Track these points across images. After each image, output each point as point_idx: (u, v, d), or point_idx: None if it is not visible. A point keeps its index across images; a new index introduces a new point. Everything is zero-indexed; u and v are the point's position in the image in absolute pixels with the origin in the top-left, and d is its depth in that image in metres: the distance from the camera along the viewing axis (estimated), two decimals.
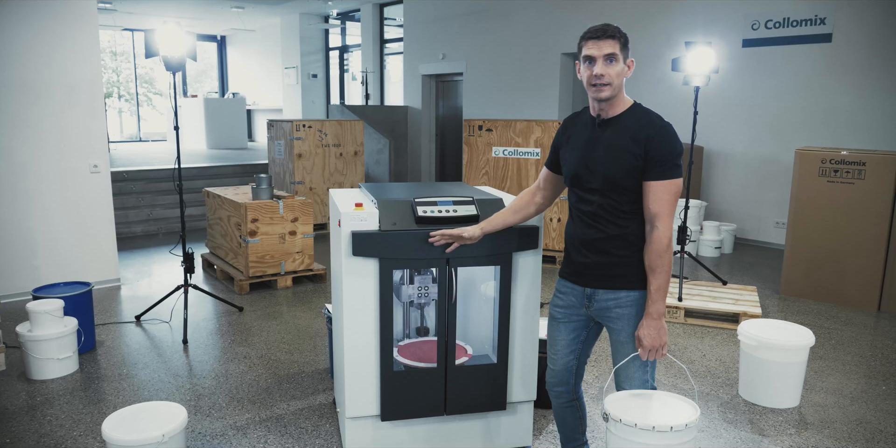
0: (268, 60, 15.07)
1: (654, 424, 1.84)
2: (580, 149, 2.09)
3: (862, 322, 4.57)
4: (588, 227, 2.09)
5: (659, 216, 1.96)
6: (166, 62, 3.87)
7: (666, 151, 1.94)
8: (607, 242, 2.06)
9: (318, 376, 3.57)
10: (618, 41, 1.95)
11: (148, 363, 3.73)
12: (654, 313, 1.98)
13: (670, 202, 1.95)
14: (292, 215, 5.19)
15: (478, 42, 9.61)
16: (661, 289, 1.98)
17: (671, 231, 2.00)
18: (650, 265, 1.99)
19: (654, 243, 1.97)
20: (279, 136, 7.60)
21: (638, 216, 2.03)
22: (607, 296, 2.09)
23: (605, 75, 1.94)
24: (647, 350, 2.00)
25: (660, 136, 1.95)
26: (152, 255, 6.43)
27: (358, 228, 2.34)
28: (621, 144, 1.99)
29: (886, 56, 5.91)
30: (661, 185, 1.95)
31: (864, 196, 4.72)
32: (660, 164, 1.94)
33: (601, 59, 1.94)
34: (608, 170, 2.00)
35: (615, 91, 1.98)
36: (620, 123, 2.02)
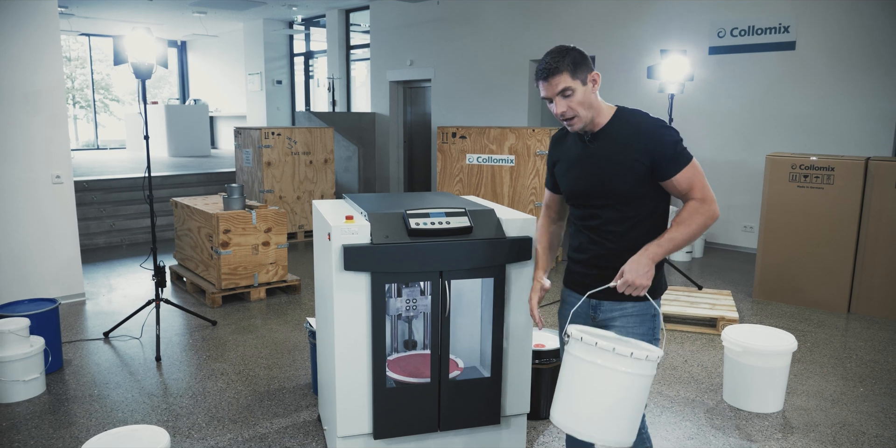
0: (230, 66, 14.82)
1: (614, 346, 1.77)
2: (575, 166, 2.05)
3: (833, 324, 4.66)
4: (593, 242, 2.05)
5: (693, 189, 1.92)
6: (135, 69, 3.74)
7: (670, 146, 1.90)
8: (614, 257, 2.01)
9: (299, 392, 3.47)
10: (566, 72, 1.89)
11: (120, 382, 3.58)
12: (650, 253, 1.88)
13: (699, 178, 1.92)
14: (265, 225, 5.07)
15: (446, 48, 9.60)
16: (674, 239, 1.89)
17: (714, 202, 1.92)
18: (677, 219, 1.90)
19: (688, 205, 1.92)
20: (247, 143, 7.45)
21: (647, 225, 1.99)
22: (612, 307, 2.05)
23: (566, 111, 1.93)
24: (626, 283, 1.88)
25: (657, 134, 1.92)
26: (116, 268, 6.22)
27: (349, 242, 2.27)
28: (620, 154, 1.94)
29: (848, 63, 6.08)
30: (684, 174, 1.91)
31: (834, 200, 4.83)
32: (671, 159, 1.90)
33: (557, 97, 1.92)
34: (613, 183, 1.95)
35: (587, 117, 1.95)
36: (611, 133, 1.97)
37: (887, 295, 4.74)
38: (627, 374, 1.80)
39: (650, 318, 2.04)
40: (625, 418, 1.83)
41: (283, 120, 13.58)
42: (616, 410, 1.81)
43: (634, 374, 1.81)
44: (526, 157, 5.95)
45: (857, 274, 4.84)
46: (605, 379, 1.80)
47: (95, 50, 16.10)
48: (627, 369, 1.80)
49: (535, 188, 5.98)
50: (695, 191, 1.92)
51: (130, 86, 18.27)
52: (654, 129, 1.93)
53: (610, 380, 1.80)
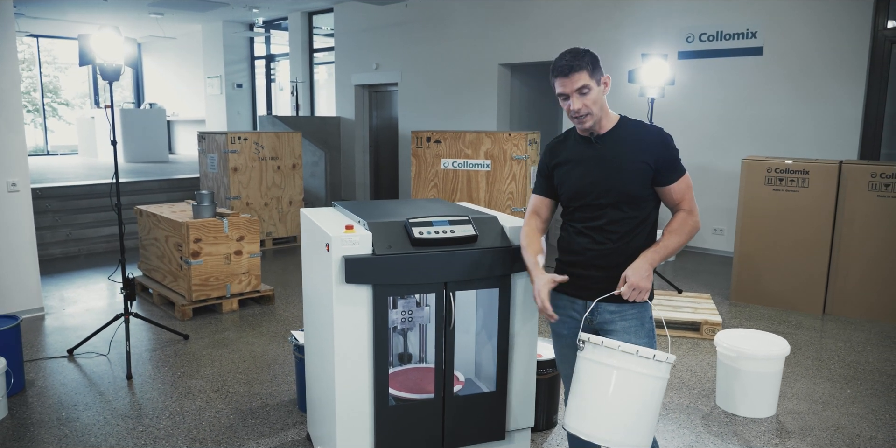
0: (188, 69, 14.42)
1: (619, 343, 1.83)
2: (581, 167, 2.07)
3: (811, 325, 4.71)
4: (595, 242, 2.06)
5: (683, 202, 2.05)
6: (102, 71, 3.54)
7: (670, 155, 2.02)
8: (614, 256, 2.04)
9: (284, 409, 3.31)
10: (585, 71, 1.95)
11: (89, 404, 3.36)
12: (648, 258, 1.97)
13: (689, 191, 2.06)
14: (238, 234, 4.88)
15: (413, 52, 9.50)
16: (668, 247, 2.00)
17: (698, 213, 2.07)
18: (669, 228, 2.02)
19: (678, 216, 2.04)
20: (212, 148, 7.21)
21: (646, 227, 2.06)
22: (610, 308, 2.05)
23: (581, 108, 1.98)
24: (631, 288, 1.94)
25: (663, 142, 2.03)
26: (75, 280, 5.92)
27: (350, 253, 2.15)
28: (626, 156, 2.01)
29: (813, 68, 6.20)
30: (677, 185, 2.03)
31: (808, 203, 4.89)
32: (670, 169, 2.02)
33: (574, 94, 1.97)
34: (618, 183, 2.01)
35: (598, 116, 2.02)
36: (618, 136, 2.05)
37: (861, 296, 4.82)
38: (649, 377, 1.83)
39: (648, 320, 2.08)
40: (645, 422, 1.85)
41: (243, 124, 13.27)
42: (638, 415, 1.83)
43: (655, 377, 1.83)
44: (502, 161, 5.89)
45: (832, 275, 4.91)
46: (628, 383, 1.82)
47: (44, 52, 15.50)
48: (648, 372, 1.82)
49: (511, 193, 5.92)
50: (685, 202, 2.05)
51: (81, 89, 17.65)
52: (661, 137, 2.05)
53: (632, 383, 1.83)
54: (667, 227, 2.05)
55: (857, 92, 6.03)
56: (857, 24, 5.95)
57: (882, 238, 4.71)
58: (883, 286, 4.74)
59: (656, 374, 1.83)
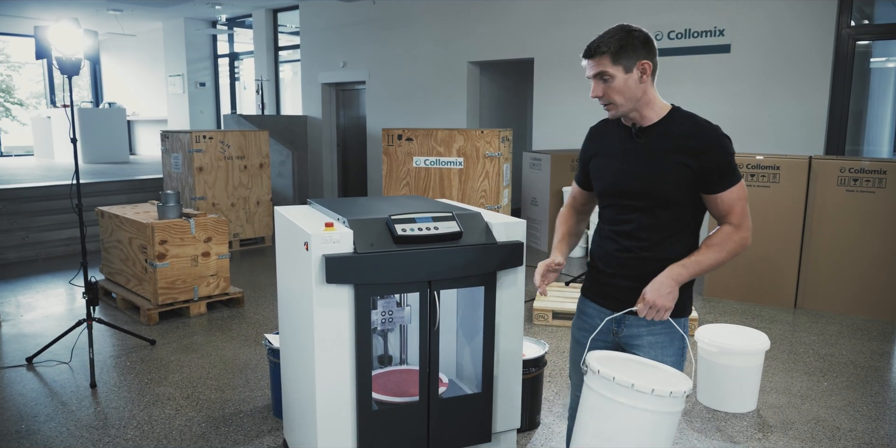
0: (149, 68, 14.05)
1: (633, 382, 1.60)
2: (617, 161, 1.89)
3: (783, 319, 4.76)
4: (623, 248, 1.89)
5: (731, 214, 1.80)
6: (60, 64, 3.37)
7: (725, 161, 1.78)
8: (644, 265, 1.85)
9: (258, 415, 3.20)
10: (607, 56, 1.77)
11: (52, 414, 3.19)
12: (674, 274, 1.76)
13: (740, 203, 1.80)
14: (205, 235, 4.72)
15: (381, 50, 9.39)
16: (701, 263, 1.77)
17: (749, 229, 1.82)
18: (708, 242, 1.80)
19: (723, 229, 1.81)
20: (175, 148, 7.00)
21: (683, 236, 1.85)
22: (640, 322, 1.88)
23: (602, 96, 1.81)
24: (647, 306, 1.75)
25: (716, 145, 1.77)
26: (33, 285, 5.67)
27: (331, 252, 2.05)
28: (666, 155, 1.79)
29: (780, 65, 6.28)
30: (729, 194, 1.79)
31: (780, 198, 4.94)
32: (719, 175, 1.77)
33: (595, 79, 1.81)
34: (654, 184, 1.81)
35: (625, 107, 1.81)
36: (662, 131, 1.83)
37: (831, 289, 4.88)
38: (665, 415, 1.63)
39: (679, 338, 1.88)
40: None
41: (207, 123, 12.98)
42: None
43: (660, 413, 1.62)
44: (475, 159, 5.83)
45: (803, 270, 4.97)
46: (628, 418, 1.62)
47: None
48: (666, 409, 1.61)
49: (484, 191, 5.86)
50: (734, 215, 1.80)
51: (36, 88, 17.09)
52: (712, 137, 1.78)
53: (632, 419, 1.62)
54: (706, 240, 1.81)
55: (822, 88, 6.12)
56: (822, 22, 6.04)
57: (851, 232, 4.78)
58: (853, 280, 4.80)
59: (673, 409, 1.64)
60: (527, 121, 9.26)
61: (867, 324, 4.63)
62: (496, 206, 5.71)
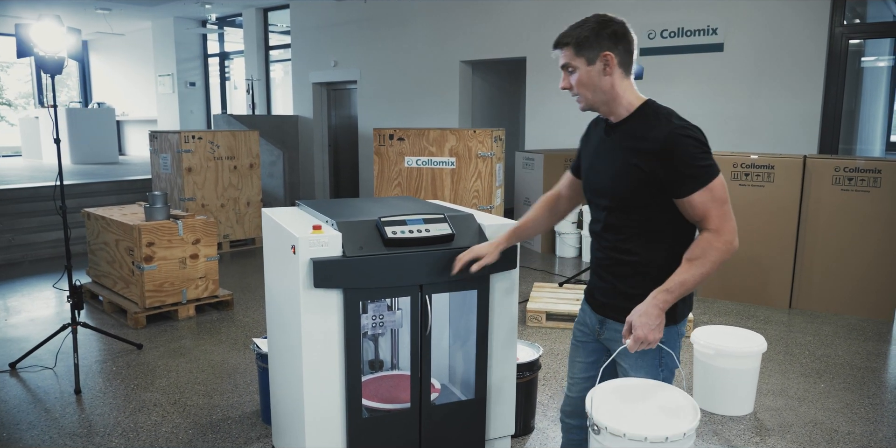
0: (138, 68, 13.92)
1: (625, 431, 1.52)
2: (592, 158, 1.86)
3: (779, 320, 4.72)
4: (598, 248, 1.87)
5: (707, 219, 1.65)
6: (42, 63, 3.29)
7: (688, 158, 1.61)
8: (616, 268, 1.81)
9: (247, 422, 3.13)
10: (569, 47, 1.74)
11: (34, 422, 3.11)
12: (659, 301, 1.63)
13: (715, 205, 1.63)
14: (193, 237, 4.64)
15: (372, 49, 9.32)
16: (685, 283, 1.63)
17: (732, 232, 1.65)
18: (689, 255, 1.66)
19: (702, 238, 1.66)
20: (164, 148, 6.91)
21: (656, 239, 1.73)
22: (616, 327, 1.84)
23: (568, 87, 1.79)
24: (638, 341, 1.63)
25: (670, 145, 1.61)
26: (19, 288, 5.58)
27: (319, 255, 1.99)
28: (625, 155, 1.71)
29: (773, 65, 6.26)
30: (696, 197, 1.62)
31: (774, 198, 4.90)
32: (680, 178, 1.63)
33: (563, 71, 1.78)
34: (614, 186, 1.74)
35: (591, 100, 1.76)
36: (628, 128, 1.75)
37: (826, 289, 4.85)
38: None
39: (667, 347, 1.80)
40: None
41: (197, 123, 12.87)
42: None
43: None
44: (467, 159, 5.77)
45: (798, 270, 4.93)
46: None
47: None
48: None
49: (477, 191, 5.80)
50: (710, 220, 1.63)
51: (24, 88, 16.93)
52: (675, 136, 1.62)
53: None
54: (687, 254, 1.66)
55: (815, 87, 6.09)
56: (815, 20, 6.02)
57: (846, 232, 4.74)
58: (847, 280, 4.77)
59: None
60: (519, 120, 9.21)
61: (862, 324, 4.60)
62: (489, 207, 5.65)
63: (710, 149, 1.67)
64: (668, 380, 1.84)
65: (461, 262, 2.05)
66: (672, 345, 1.79)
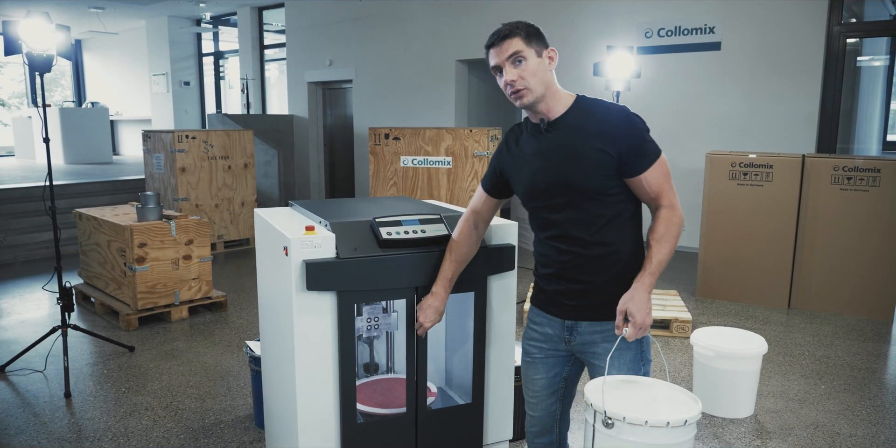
0: (132, 67, 13.84)
1: (646, 419, 1.52)
2: (531, 162, 1.80)
3: (778, 320, 4.69)
4: (560, 252, 1.80)
5: (662, 195, 1.74)
6: (31, 60, 3.23)
7: (636, 138, 1.71)
8: (587, 266, 1.77)
9: (240, 426, 3.07)
10: (519, 37, 1.71)
11: (22, 426, 3.05)
12: (646, 285, 1.66)
13: (666, 180, 1.74)
14: (186, 237, 4.58)
15: (368, 48, 9.26)
16: (662, 263, 1.68)
17: (679, 204, 1.75)
18: (655, 236, 1.70)
19: (661, 216, 1.72)
20: (157, 148, 6.84)
21: (622, 225, 1.76)
22: (592, 328, 1.80)
23: (517, 80, 1.71)
24: (639, 327, 1.63)
25: (625, 121, 1.71)
26: (10, 289, 5.51)
27: (312, 257, 1.94)
28: (581, 143, 1.71)
29: (771, 63, 6.22)
30: (650, 173, 1.72)
31: (773, 197, 4.87)
32: (638, 154, 1.70)
33: (506, 63, 1.71)
34: (574, 177, 1.72)
35: (539, 92, 1.73)
36: (572, 121, 1.75)
37: (825, 289, 4.82)
38: None
39: (637, 341, 1.79)
40: None
41: (192, 123, 12.80)
42: None
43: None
44: (464, 158, 5.72)
45: (797, 269, 4.90)
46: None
47: None
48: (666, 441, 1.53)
49: (473, 191, 5.75)
50: (664, 196, 1.73)
51: (17, 88, 16.82)
52: (623, 116, 1.72)
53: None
54: (651, 235, 1.72)
55: (813, 86, 6.07)
56: (813, 19, 5.99)
57: (845, 231, 4.71)
58: (847, 279, 4.74)
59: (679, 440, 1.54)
60: (515, 119, 9.16)
61: (862, 324, 4.57)
62: None
63: (649, 128, 1.77)
64: (648, 372, 1.84)
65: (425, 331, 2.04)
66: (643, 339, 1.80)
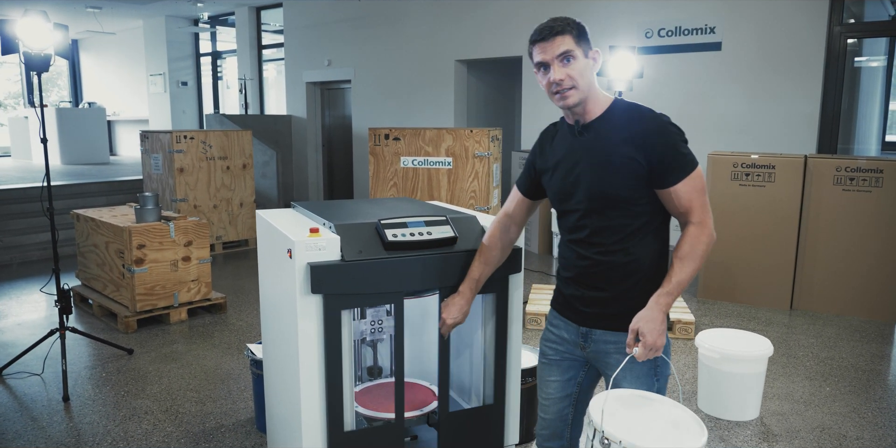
0: (129, 67, 13.78)
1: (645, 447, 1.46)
2: (563, 164, 1.77)
3: (780, 321, 4.66)
4: (581, 257, 1.77)
5: (692, 211, 1.66)
6: (28, 60, 3.19)
7: (668, 147, 1.63)
8: (605, 274, 1.74)
9: (241, 430, 3.04)
10: (570, 35, 1.67)
11: (21, 431, 3.01)
12: (662, 305, 1.61)
13: (699, 196, 1.65)
14: (185, 239, 4.54)
15: (366, 48, 9.23)
16: (682, 283, 1.63)
17: (712, 223, 1.67)
18: (679, 253, 1.65)
19: (688, 233, 1.66)
20: (155, 148, 6.80)
21: (647, 235, 1.71)
22: (606, 337, 1.77)
23: (564, 79, 1.65)
24: (649, 348, 1.59)
25: (658, 133, 1.63)
26: (6, 291, 5.46)
27: (316, 260, 1.90)
28: (611, 149, 1.66)
29: (771, 63, 6.20)
30: (681, 186, 1.64)
31: (775, 198, 4.84)
32: (669, 165, 1.62)
33: (555, 61, 1.66)
34: (600, 183, 1.68)
35: (584, 93, 1.68)
36: (605, 125, 1.70)
37: (827, 290, 4.80)
38: None
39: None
40: None
41: (189, 123, 12.75)
42: None
43: None
44: (464, 159, 5.69)
45: (799, 270, 4.88)
46: None
47: None
48: None
49: (474, 192, 5.72)
50: (694, 212, 1.65)
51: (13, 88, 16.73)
52: (657, 124, 1.65)
53: None
54: (675, 253, 1.66)
55: (814, 87, 6.04)
56: (814, 19, 5.97)
57: (847, 232, 4.69)
58: (849, 280, 4.72)
59: None
60: (514, 120, 9.14)
61: (865, 325, 4.55)
62: (486, 208, 5.57)
63: (687, 139, 1.68)
64: (662, 388, 1.79)
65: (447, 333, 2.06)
66: (666, 350, 1.73)
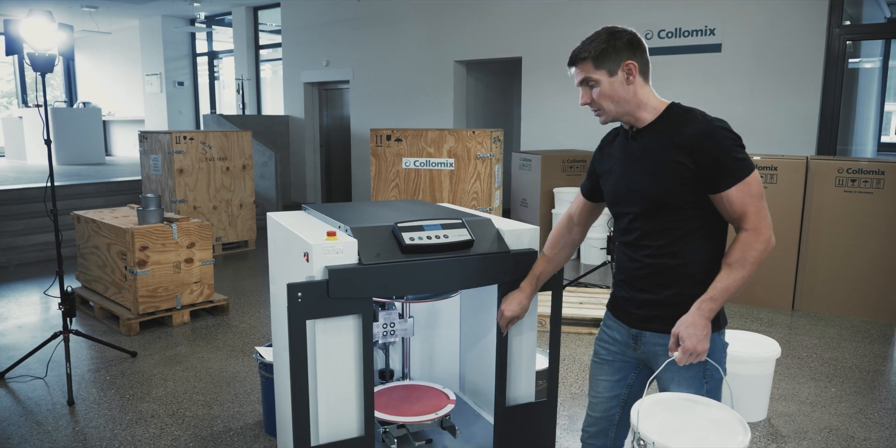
0: (125, 67, 13.72)
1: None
2: (618, 168, 1.81)
3: (782, 322, 4.68)
4: (632, 260, 1.79)
5: (745, 217, 1.62)
6: (32, 60, 3.16)
7: (719, 152, 1.60)
8: (656, 277, 1.75)
9: (249, 433, 3.02)
10: (588, 61, 1.72)
11: (25, 435, 2.99)
12: (705, 311, 1.60)
13: (754, 201, 1.61)
14: (188, 240, 4.52)
15: (365, 48, 9.21)
16: (728, 289, 1.61)
17: (769, 229, 1.62)
18: (728, 260, 1.63)
19: (740, 239, 1.63)
20: (154, 149, 6.77)
21: (698, 240, 1.70)
22: (655, 340, 1.78)
23: (591, 103, 1.76)
24: (688, 352, 1.59)
25: (713, 134, 1.61)
26: (5, 293, 5.42)
27: (334, 263, 1.89)
28: (661, 153, 1.68)
29: (771, 65, 6.23)
30: (734, 192, 1.60)
31: (777, 199, 4.86)
32: (719, 170, 1.60)
33: (581, 86, 1.77)
34: (651, 187, 1.70)
35: (613, 112, 1.75)
36: (658, 130, 1.73)
37: (829, 291, 4.82)
38: None
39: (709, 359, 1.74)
40: None
41: (186, 124, 12.70)
42: None
43: None
44: (466, 160, 5.69)
45: (801, 271, 4.90)
46: None
47: None
48: None
49: (476, 193, 5.72)
50: (748, 218, 1.61)
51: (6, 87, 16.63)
52: (709, 128, 1.63)
53: None
54: (725, 258, 1.64)
55: (813, 88, 6.07)
56: (813, 21, 6.00)
57: (849, 233, 4.71)
58: (851, 281, 4.74)
59: None
60: (514, 120, 9.14)
61: (866, 326, 4.57)
62: (488, 208, 5.57)
63: (744, 145, 1.66)
64: (713, 392, 1.78)
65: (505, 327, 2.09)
66: (718, 355, 1.73)
